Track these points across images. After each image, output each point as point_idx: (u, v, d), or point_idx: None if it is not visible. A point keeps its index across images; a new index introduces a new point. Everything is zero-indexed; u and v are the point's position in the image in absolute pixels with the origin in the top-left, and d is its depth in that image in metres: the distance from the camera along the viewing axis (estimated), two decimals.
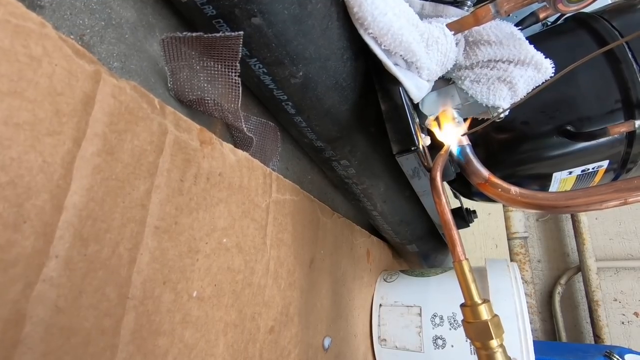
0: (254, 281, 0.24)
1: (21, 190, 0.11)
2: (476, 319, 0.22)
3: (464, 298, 0.23)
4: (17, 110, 0.11)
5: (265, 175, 0.25)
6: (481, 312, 0.22)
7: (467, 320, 0.23)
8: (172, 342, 0.17)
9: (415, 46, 0.24)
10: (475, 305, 0.22)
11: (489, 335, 0.21)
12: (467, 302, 0.23)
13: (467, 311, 0.23)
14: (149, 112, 0.16)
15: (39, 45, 0.12)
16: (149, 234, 0.16)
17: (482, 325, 0.22)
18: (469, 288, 0.22)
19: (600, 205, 0.23)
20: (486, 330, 0.21)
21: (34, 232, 0.12)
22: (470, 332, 0.22)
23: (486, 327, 0.21)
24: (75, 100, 0.13)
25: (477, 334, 0.22)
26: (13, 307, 0.11)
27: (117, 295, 0.15)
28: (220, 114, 0.23)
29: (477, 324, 0.22)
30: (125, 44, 0.19)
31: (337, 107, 0.27)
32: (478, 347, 0.22)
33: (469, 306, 0.22)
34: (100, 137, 0.14)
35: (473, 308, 0.22)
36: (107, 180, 0.14)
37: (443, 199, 0.24)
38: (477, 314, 0.22)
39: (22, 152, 0.12)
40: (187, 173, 0.18)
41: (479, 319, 0.22)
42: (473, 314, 0.22)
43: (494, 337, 0.21)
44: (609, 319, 1.03)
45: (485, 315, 0.22)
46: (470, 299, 0.22)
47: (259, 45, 0.21)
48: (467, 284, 0.22)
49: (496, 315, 0.22)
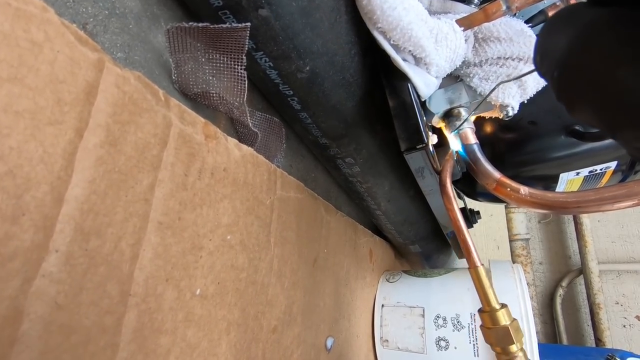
0: (257, 279, 0.23)
1: (20, 181, 0.11)
2: (495, 325, 0.21)
3: (482, 304, 0.22)
4: (17, 97, 0.11)
5: (270, 171, 0.25)
6: (500, 318, 0.21)
7: (486, 326, 0.22)
8: (174, 341, 0.17)
9: (425, 41, 0.24)
10: (494, 311, 0.22)
11: (510, 340, 0.21)
12: (485, 308, 0.22)
13: (486, 317, 0.22)
14: (154, 103, 0.16)
15: (40, 31, 0.12)
16: (152, 230, 0.16)
17: (502, 331, 0.21)
18: (486, 294, 0.22)
19: (612, 206, 0.23)
20: (507, 335, 0.21)
21: (33, 225, 0.11)
22: (490, 337, 0.22)
23: (507, 332, 0.21)
24: (77, 89, 0.13)
25: (497, 340, 0.21)
26: (10, 304, 0.11)
27: (119, 292, 0.14)
28: (225, 108, 0.22)
29: (497, 329, 0.21)
30: (129, 34, 0.19)
31: (344, 103, 0.27)
32: (498, 352, 0.21)
33: (488, 312, 0.22)
34: (103, 128, 0.14)
35: (492, 314, 0.22)
36: (110, 172, 0.14)
37: (455, 205, 0.24)
38: (496, 319, 0.21)
39: (21, 141, 0.11)
40: (191, 167, 0.18)
41: (498, 324, 0.21)
42: (492, 319, 0.22)
43: (514, 342, 0.21)
44: (611, 322, 1.02)
45: (504, 321, 0.21)
46: (488, 304, 0.22)
47: (265, 38, 0.21)
48: (484, 290, 0.22)
49: (515, 320, 0.22)
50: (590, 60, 0.10)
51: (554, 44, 0.11)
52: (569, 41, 0.10)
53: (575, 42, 0.10)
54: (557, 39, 0.11)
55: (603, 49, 0.10)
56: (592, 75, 0.10)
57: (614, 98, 0.09)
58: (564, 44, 0.11)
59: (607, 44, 0.10)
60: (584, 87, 0.10)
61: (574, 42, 0.10)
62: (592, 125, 0.11)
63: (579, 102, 0.11)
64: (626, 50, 0.09)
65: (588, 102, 0.10)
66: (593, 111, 0.10)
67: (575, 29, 0.10)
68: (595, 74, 0.10)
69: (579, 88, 0.10)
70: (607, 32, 0.10)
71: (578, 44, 0.10)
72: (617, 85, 0.09)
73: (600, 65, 0.10)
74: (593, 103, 0.10)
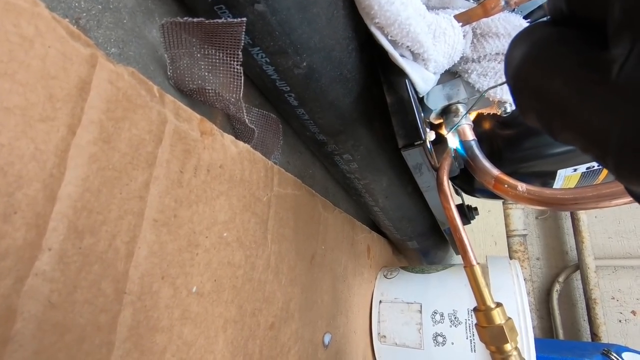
0: (254, 276, 0.23)
1: (12, 179, 0.11)
2: (490, 324, 0.22)
3: (477, 302, 0.23)
4: (7, 93, 0.11)
5: (267, 168, 0.25)
6: (495, 317, 0.21)
7: (480, 325, 0.22)
8: (171, 339, 0.17)
9: (423, 37, 0.24)
10: (489, 310, 0.22)
11: (504, 339, 0.21)
12: (480, 307, 0.22)
13: (481, 316, 0.22)
14: (148, 100, 0.16)
15: (31, 25, 0.11)
16: (147, 227, 0.15)
17: (497, 330, 0.21)
18: (481, 293, 0.22)
19: (610, 203, 0.23)
20: (501, 334, 0.21)
21: (25, 224, 0.11)
22: (484, 336, 0.22)
23: (501, 332, 0.21)
24: (69, 85, 0.12)
25: (491, 339, 0.21)
26: (3, 303, 0.11)
27: (114, 291, 0.14)
28: (222, 105, 0.22)
29: (492, 328, 0.21)
30: (124, 29, 0.18)
31: (341, 99, 0.27)
32: (493, 351, 0.22)
33: (482, 311, 0.22)
34: (96, 125, 0.13)
35: (487, 312, 0.22)
36: (104, 170, 0.14)
37: (452, 204, 0.23)
38: (491, 318, 0.22)
39: (12, 138, 0.11)
40: (187, 164, 0.18)
41: (493, 323, 0.21)
42: (487, 318, 0.22)
43: (509, 341, 0.21)
44: (607, 317, 1.03)
45: (499, 320, 0.21)
46: (483, 303, 0.22)
47: (262, 33, 0.21)
48: (479, 289, 0.22)
49: (510, 319, 0.22)
50: (534, 72, 0.11)
51: (512, 58, 0.12)
52: (521, 54, 0.12)
53: (525, 56, 0.12)
54: (515, 52, 0.12)
55: (544, 62, 0.11)
56: (534, 86, 0.11)
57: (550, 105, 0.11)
58: (519, 56, 0.12)
59: (547, 57, 0.11)
60: (529, 96, 0.12)
61: (524, 56, 0.12)
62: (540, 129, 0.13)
63: (528, 110, 0.12)
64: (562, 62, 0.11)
65: (533, 110, 0.12)
66: (537, 118, 0.12)
67: (527, 44, 0.12)
68: (537, 84, 0.11)
69: (526, 97, 0.12)
70: (548, 47, 0.11)
71: (526, 57, 0.12)
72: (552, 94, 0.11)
73: (541, 77, 0.11)
74: (536, 111, 0.12)
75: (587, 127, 0.10)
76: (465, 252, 0.24)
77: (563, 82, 0.10)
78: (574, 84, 0.10)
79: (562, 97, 0.10)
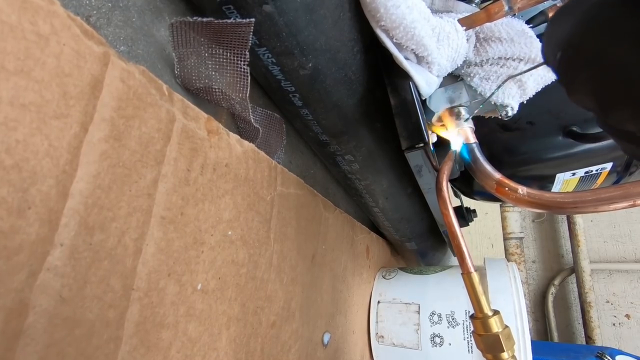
0: (257, 275, 0.23)
1: (26, 175, 0.11)
2: (487, 332, 0.22)
3: (474, 310, 0.23)
4: (23, 90, 0.11)
5: (271, 167, 0.25)
6: (492, 325, 0.22)
7: (477, 333, 0.22)
8: (176, 335, 0.17)
9: (427, 40, 0.24)
10: (486, 318, 0.22)
11: (500, 348, 0.21)
12: (478, 315, 0.22)
13: (478, 323, 0.22)
14: (157, 98, 0.16)
15: (47, 23, 0.11)
16: (155, 225, 0.16)
17: (493, 338, 0.21)
18: (479, 300, 0.22)
19: (609, 207, 0.23)
20: (497, 343, 0.21)
21: (39, 219, 0.11)
22: (480, 344, 0.22)
23: (497, 340, 0.21)
24: (83, 83, 0.13)
25: (488, 347, 0.22)
26: (16, 296, 0.11)
27: (122, 287, 0.14)
28: (227, 104, 0.22)
29: (488, 336, 0.22)
30: (132, 27, 0.19)
31: (345, 100, 0.27)
32: (489, 359, 0.22)
33: (480, 318, 0.22)
34: (107, 123, 0.13)
35: (484, 320, 0.22)
36: (114, 167, 0.14)
37: (450, 210, 0.24)
38: (488, 326, 0.22)
39: (27, 134, 0.11)
40: (194, 163, 0.18)
41: (489, 331, 0.22)
42: (484, 326, 0.22)
43: (505, 350, 0.21)
44: (601, 321, 1.04)
45: (496, 328, 0.21)
46: (480, 311, 0.22)
47: (269, 34, 0.21)
48: (477, 296, 0.22)
49: (507, 327, 0.22)
50: (592, 37, 0.10)
51: (559, 29, 0.11)
52: (573, 23, 0.11)
53: (579, 22, 0.11)
54: (562, 23, 0.11)
55: (604, 27, 0.10)
56: (592, 52, 0.10)
57: (611, 73, 0.10)
58: (568, 26, 0.11)
59: (608, 22, 0.10)
60: (583, 65, 0.11)
61: (577, 22, 0.11)
62: (588, 107, 0.11)
63: (578, 81, 0.11)
64: (625, 26, 0.09)
65: (586, 80, 0.11)
66: (591, 89, 0.11)
67: (580, 10, 0.11)
68: (595, 51, 0.10)
69: (579, 66, 0.11)
70: (608, 11, 0.10)
71: (581, 23, 0.11)
72: (614, 61, 0.10)
73: (600, 42, 0.10)
74: (591, 80, 0.10)
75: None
76: (463, 259, 0.24)
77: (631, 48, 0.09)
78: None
79: (626, 65, 0.09)
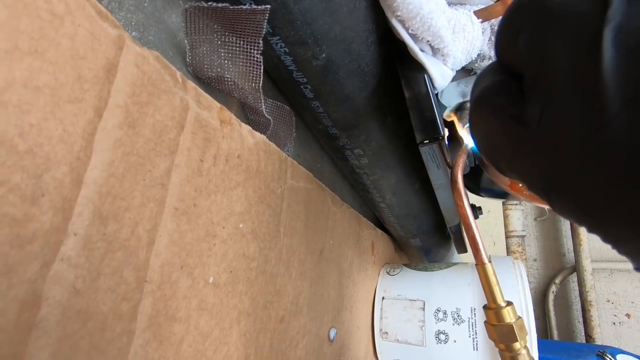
0: (267, 269, 0.23)
1: (40, 161, 0.10)
2: (500, 322, 0.22)
3: (487, 300, 0.23)
4: (37, 72, 0.10)
5: (281, 160, 0.25)
6: (505, 315, 0.22)
7: (490, 323, 0.22)
8: (188, 329, 0.16)
9: (444, 32, 0.23)
10: (500, 308, 0.22)
11: (514, 337, 0.21)
12: (491, 305, 0.22)
13: (491, 314, 0.22)
14: (172, 85, 0.15)
15: (61, 2, 0.11)
16: (168, 215, 0.15)
17: (506, 328, 0.21)
18: (492, 291, 0.22)
19: None
20: (511, 333, 0.21)
21: (53, 207, 0.11)
22: (493, 334, 0.22)
23: (511, 330, 0.21)
24: (97, 66, 0.12)
25: (501, 337, 0.22)
26: (29, 287, 0.10)
27: (135, 279, 0.14)
28: (239, 94, 0.22)
29: (502, 326, 0.22)
30: (144, 12, 0.18)
31: (357, 93, 0.26)
32: (502, 349, 0.22)
33: (493, 309, 0.22)
34: (122, 109, 0.13)
35: (497, 311, 0.22)
36: (128, 155, 0.13)
37: (465, 202, 0.23)
38: (502, 316, 0.22)
39: (41, 118, 0.10)
40: (206, 153, 0.17)
41: (503, 321, 0.22)
42: (497, 316, 0.22)
43: (518, 340, 0.21)
44: (601, 319, 1.04)
45: (509, 318, 0.21)
46: (494, 301, 0.22)
47: (283, 22, 0.20)
48: (490, 287, 0.22)
49: (520, 318, 0.22)
50: (481, 119, 0.14)
51: (472, 98, 0.14)
52: (474, 99, 0.14)
53: (475, 102, 0.14)
54: (472, 94, 0.14)
55: (488, 111, 0.13)
56: (482, 131, 0.14)
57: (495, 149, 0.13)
58: (472, 100, 0.14)
59: (489, 107, 0.13)
60: (480, 139, 0.14)
61: (475, 101, 0.14)
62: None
63: (480, 149, 0.14)
64: (500, 114, 0.12)
65: (484, 150, 0.14)
66: (487, 157, 0.14)
67: (477, 89, 0.14)
68: (484, 130, 0.14)
69: (478, 139, 0.14)
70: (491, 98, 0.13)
71: (475, 103, 0.14)
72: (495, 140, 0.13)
73: (486, 124, 0.13)
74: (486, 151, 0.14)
75: (525, 172, 0.12)
76: (478, 250, 0.24)
77: (501, 132, 0.12)
78: (509, 135, 0.12)
79: (502, 144, 0.12)
